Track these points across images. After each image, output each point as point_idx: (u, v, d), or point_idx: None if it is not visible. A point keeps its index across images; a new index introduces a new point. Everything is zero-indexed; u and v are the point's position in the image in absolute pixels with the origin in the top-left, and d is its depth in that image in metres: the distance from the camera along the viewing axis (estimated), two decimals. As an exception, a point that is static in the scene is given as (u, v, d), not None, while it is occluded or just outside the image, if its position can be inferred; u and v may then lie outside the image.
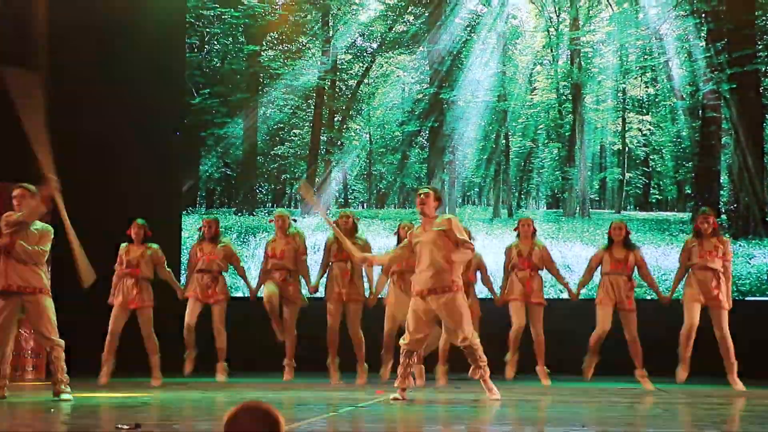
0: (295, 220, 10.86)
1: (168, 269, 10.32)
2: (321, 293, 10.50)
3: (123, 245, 10.21)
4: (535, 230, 10.54)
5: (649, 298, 11.05)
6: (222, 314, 10.30)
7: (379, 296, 10.28)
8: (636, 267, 9.96)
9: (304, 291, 10.42)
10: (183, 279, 11.41)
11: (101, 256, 10.09)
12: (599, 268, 10.09)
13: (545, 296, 10.41)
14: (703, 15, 13.34)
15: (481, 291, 10.57)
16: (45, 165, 8.04)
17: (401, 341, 8.34)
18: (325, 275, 10.32)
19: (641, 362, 9.84)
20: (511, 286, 10.28)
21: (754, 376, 10.72)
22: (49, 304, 8.34)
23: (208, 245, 10.44)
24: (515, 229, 10.65)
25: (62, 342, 8.37)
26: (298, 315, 10.30)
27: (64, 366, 8.35)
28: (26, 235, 8.24)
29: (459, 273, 8.16)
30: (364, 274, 10.30)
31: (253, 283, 10.68)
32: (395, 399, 8.13)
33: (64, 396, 8.20)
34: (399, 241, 9.84)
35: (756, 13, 13.17)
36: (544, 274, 10.40)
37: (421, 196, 8.27)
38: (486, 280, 10.44)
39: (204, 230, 10.62)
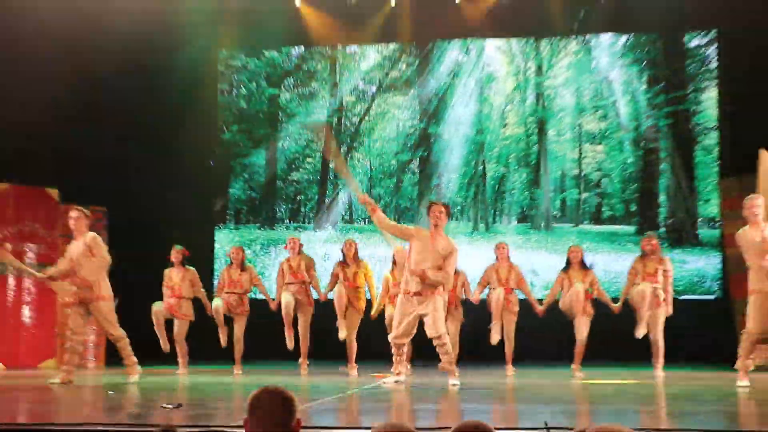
0: (301, 245, 10.58)
1: (202, 289, 10.38)
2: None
3: (166, 270, 10.30)
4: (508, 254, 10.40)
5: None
6: (243, 326, 10.26)
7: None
8: (590, 284, 9.95)
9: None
10: (215, 283, 11.34)
11: (150, 269, 10.71)
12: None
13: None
14: (644, 63, 13.43)
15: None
16: None
17: (390, 337, 8.38)
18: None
19: (580, 360, 9.86)
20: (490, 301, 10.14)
21: (687, 358, 11.23)
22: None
23: (235, 271, 10.35)
24: (495, 252, 10.47)
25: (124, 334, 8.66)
26: (310, 320, 10.24)
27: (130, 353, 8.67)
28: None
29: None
30: (367, 290, 10.23)
31: (272, 294, 10.59)
32: (397, 382, 8.20)
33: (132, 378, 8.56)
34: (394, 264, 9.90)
35: (686, 62, 13.28)
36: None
37: (439, 210, 8.15)
38: (468, 293, 10.32)
39: (232, 257, 10.55)
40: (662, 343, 9.83)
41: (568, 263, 10.14)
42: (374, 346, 10.04)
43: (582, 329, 9.77)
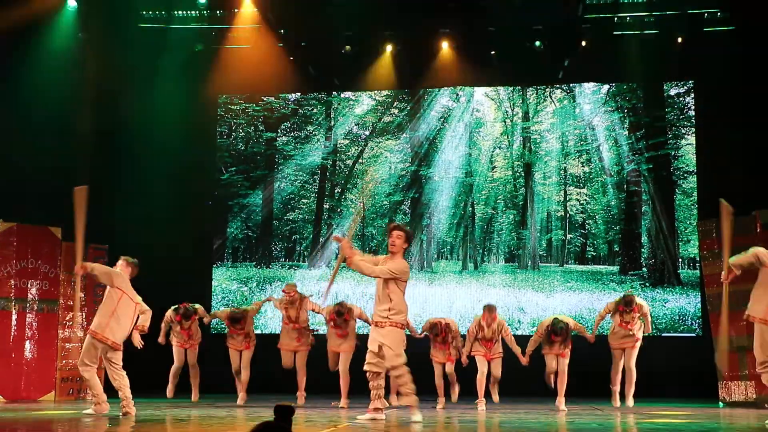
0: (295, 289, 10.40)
1: (207, 316, 10.42)
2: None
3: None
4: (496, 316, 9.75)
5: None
6: (249, 357, 10.21)
7: None
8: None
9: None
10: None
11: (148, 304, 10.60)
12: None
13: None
14: (626, 110, 13.51)
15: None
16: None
17: (367, 366, 7.64)
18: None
19: (563, 392, 9.73)
20: (476, 347, 9.75)
21: (667, 394, 11.16)
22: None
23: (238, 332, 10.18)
24: (482, 318, 9.72)
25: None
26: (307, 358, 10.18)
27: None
28: None
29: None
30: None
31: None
32: (373, 419, 7.52)
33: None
34: None
35: (666, 109, 13.37)
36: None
37: (397, 235, 7.54)
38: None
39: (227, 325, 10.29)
40: (634, 372, 9.80)
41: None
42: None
43: (563, 365, 9.74)
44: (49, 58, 11.61)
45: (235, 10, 12.85)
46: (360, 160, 14.15)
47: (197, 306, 10.44)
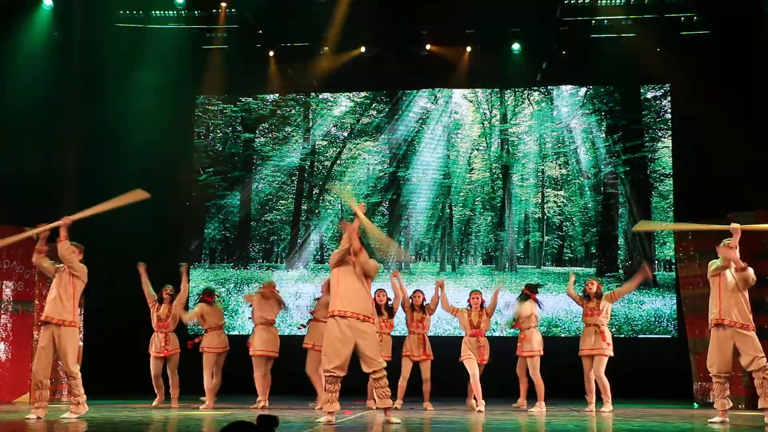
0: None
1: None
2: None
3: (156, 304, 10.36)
4: (483, 301, 9.84)
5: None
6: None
7: None
8: None
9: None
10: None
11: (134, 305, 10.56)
12: None
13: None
14: (603, 113, 13.60)
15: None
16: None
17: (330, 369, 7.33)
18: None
19: (524, 395, 9.99)
20: (465, 348, 9.68)
21: (643, 395, 11.16)
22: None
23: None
24: (468, 301, 9.88)
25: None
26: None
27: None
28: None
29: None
30: None
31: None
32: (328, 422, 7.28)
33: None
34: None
35: (643, 112, 13.44)
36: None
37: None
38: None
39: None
40: (605, 380, 9.67)
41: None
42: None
43: (532, 366, 9.83)
44: (25, 57, 11.52)
45: (214, 11, 12.79)
46: (338, 162, 14.16)
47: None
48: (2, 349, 10.87)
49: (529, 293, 10.04)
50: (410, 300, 9.97)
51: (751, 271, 7.98)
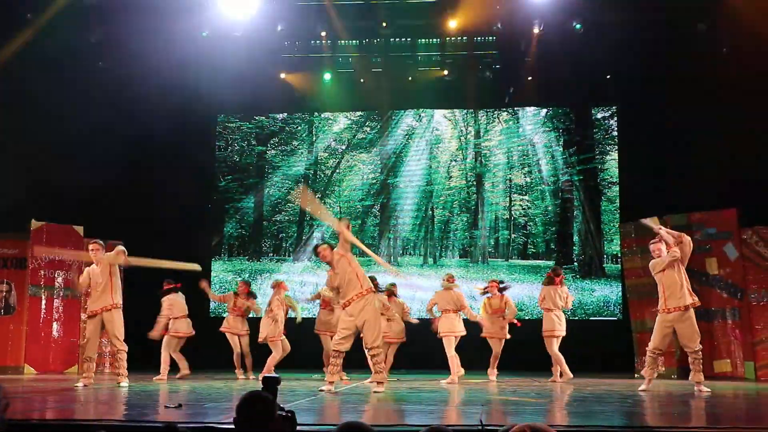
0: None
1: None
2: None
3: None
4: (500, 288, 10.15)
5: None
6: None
7: None
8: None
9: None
10: (212, 305, 11.54)
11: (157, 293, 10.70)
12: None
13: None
14: (560, 131, 13.74)
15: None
16: None
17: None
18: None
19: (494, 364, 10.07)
20: (488, 327, 10.00)
21: (592, 369, 11.26)
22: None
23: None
24: (486, 289, 10.22)
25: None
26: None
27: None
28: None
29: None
30: None
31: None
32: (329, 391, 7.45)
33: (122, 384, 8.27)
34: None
35: (594, 130, 13.61)
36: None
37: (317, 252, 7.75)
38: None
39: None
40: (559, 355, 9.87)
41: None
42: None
43: (498, 348, 10.11)
44: (78, 92, 11.60)
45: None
46: (337, 170, 14.25)
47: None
48: (55, 328, 11.08)
49: (500, 289, 10.24)
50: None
51: (685, 238, 8.02)
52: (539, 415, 5.84)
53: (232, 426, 3.03)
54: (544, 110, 13.91)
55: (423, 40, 12.96)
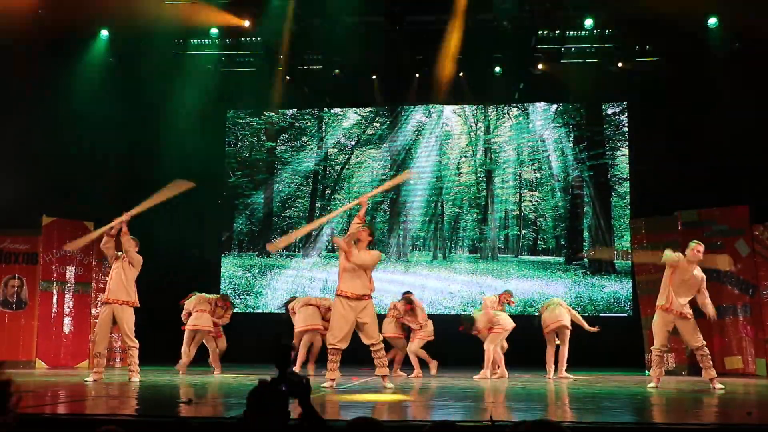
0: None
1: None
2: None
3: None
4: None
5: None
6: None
7: None
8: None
9: None
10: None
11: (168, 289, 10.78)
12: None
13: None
14: (571, 126, 13.70)
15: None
16: None
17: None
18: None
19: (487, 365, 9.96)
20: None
21: (602, 364, 11.31)
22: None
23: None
24: (499, 303, 10.32)
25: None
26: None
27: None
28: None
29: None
30: None
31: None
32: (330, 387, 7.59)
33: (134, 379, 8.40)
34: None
35: (604, 126, 13.57)
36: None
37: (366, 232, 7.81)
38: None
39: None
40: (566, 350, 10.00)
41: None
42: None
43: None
44: (86, 81, 11.68)
45: (242, 39, 12.92)
46: (347, 166, 14.27)
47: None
48: (66, 323, 11.15)
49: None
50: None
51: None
52: (548, 412, 5.84)
53: (241, 420, 3.06)
54: (554, 106, 13.89)
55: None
